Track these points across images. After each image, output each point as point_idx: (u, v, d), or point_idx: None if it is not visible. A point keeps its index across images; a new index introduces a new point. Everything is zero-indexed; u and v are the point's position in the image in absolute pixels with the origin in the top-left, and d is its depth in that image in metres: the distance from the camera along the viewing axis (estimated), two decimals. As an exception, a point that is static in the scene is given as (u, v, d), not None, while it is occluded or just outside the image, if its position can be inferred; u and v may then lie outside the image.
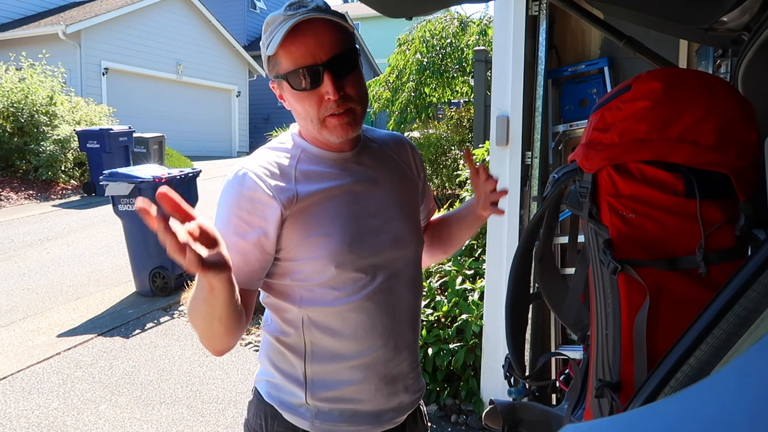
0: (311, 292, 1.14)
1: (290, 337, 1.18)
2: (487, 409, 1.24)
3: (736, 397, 0.30)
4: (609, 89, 2.84)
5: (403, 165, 1.31)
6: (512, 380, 1.22)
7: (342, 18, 1.10)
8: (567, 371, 1.56)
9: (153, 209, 0.78)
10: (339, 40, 1.09)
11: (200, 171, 5.60)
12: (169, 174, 5.09)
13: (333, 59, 1.07)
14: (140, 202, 0.77)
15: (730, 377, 0.32)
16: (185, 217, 0.83)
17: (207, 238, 0.86)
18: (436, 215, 1.50)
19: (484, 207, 1.34)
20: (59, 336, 4.37)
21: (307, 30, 1.06)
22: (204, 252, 0.85)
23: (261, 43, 1.13)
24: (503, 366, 1.13)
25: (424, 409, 1.39)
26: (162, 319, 4.70)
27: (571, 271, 1.24)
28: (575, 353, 2.57)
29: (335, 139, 1.13)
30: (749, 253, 0.85)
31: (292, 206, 1.10)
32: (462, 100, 8.52)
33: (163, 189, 0.80)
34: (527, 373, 1.19)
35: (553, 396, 2.86)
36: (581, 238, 1.15)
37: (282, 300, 1.17)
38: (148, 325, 4.59)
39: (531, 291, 1.23)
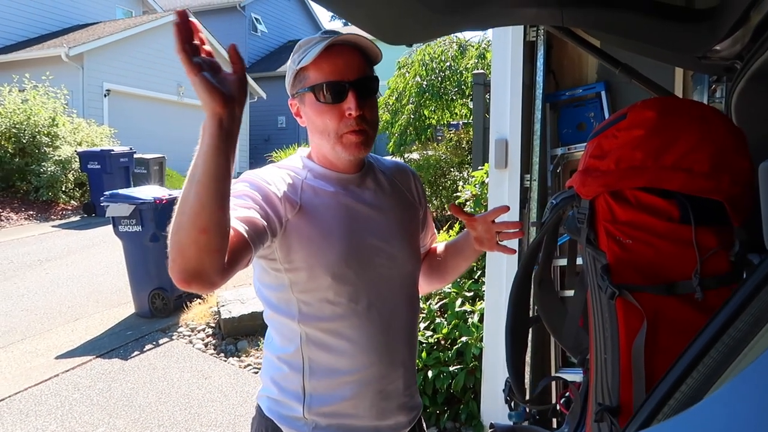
0: (309, 306, 1.18)
1: (289, 354, 1.22)
2: (488, 432, 1.24)
3: (725, 424, 0.31)
4: (606, 113, 2.87)
5: (405, 191, 1.37)
6: (512, 404, 1.22)
7: (372, 47, 1.19)
8: (567, 394, 1.56)
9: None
10: (365, 67, 1.19)
11: (201, 192, 5.62)
12: (170, 195, 5.11)
13: (358, 80, 1.16)
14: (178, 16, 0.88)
15: (719, 404, 0.33)
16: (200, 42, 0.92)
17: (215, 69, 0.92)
18: (436, 243, 1.54)
19: (490, 247, 1.38)
20: (57, 357, 4.35)
21: (339, 52, 1.16)
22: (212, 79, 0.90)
23: (290, 60, 1.21)
24: (503, 390, 1.13)
25: (425, 425, 1.41)
26: (161, 341, 4.69)
27: (569, 293, 1.25)
28: (575, 376, 2.57)
29: (347, 156, 1.19)
30: (744, 277, 0.87)
31: (294, 212, 1.15)
32: (461, 122, 8.58)
33: (182, 13, 0.89)
34: (527, 397, 1.20)
35: (554, 420, 2.85)
36: (579, 261, 1.17)
37: (282, 315, 1.21)
38: (147, 347, 4.57)
39: (530, 315, 1.24)
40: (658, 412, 0.51)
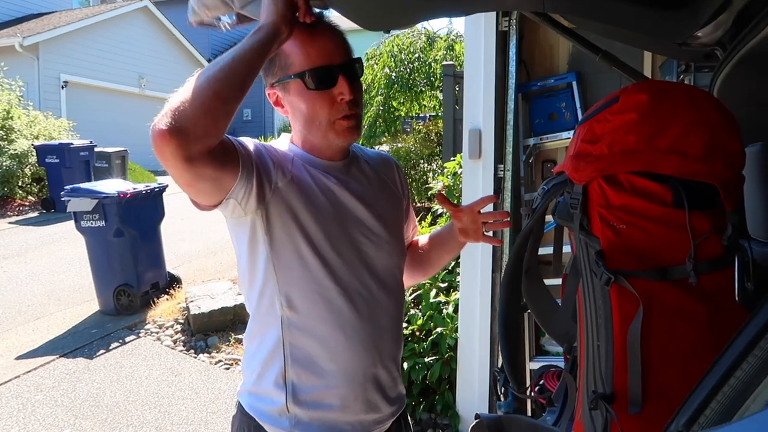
0: (291, 288, 1.14)
1: (271, 341, 1.17)
2: (473, 423, 1.22)
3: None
4: (577, 103, 2.89)
5: (389, 182, 1.34)
6: (502, 394, 1.21)
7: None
8: (542, 383, 1.55)
9: None
10: (348, 46, 1.17)
11: (167, 186, 5.48)
12: (134, 189, 4.97)
13: (346, 62, 1.13)
14: None
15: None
16: None
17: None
18: (417, 236, 1.52)
19: (476, 238, 1.36)
20: (18, 358, 4.19)
21: (321, 35, 1.12)
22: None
23: None
24: (498, 379, 1.12)
25: (409, 418, 1.39)
26: (127, 339, 4.56)
27: (550, 282, 1.24)
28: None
29: (340, 142, 1.17)
30: (736, 262, 0.87)
31: (284, 180, 1.12)
32: (428, 114, 8.58)
33: None
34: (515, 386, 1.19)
35: (528, 407, 2.87)
36: (566, 249, 1.16)
37: (263, 298, 1.17)
38: (113, 345, 4.44)
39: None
40: (710, 402, 0.49)
